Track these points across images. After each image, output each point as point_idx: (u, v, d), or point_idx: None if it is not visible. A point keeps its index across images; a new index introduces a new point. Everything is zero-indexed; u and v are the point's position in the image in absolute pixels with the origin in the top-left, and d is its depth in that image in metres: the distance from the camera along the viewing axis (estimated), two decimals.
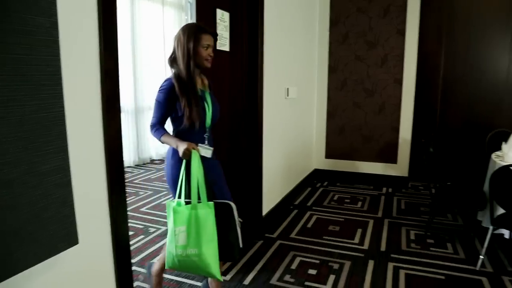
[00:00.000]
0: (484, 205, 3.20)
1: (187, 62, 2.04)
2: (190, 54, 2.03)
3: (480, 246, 3.25)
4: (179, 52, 2.05)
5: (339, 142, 5.31)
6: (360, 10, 4.96)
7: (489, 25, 4.83)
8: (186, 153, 1.93)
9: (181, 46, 2.05)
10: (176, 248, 1.86)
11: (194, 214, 1.88)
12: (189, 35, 2.04)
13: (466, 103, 5.03)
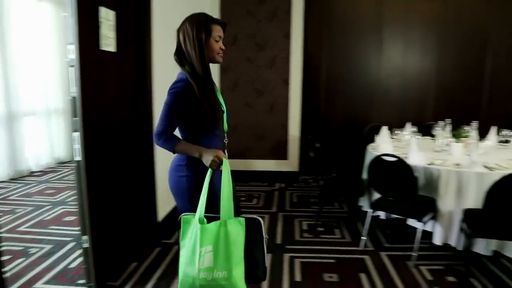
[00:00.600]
0: (363, 192, 3.56)
1: (201, 57, 1.79)
2: (203, 48, 1.79)
3: (362, 228, 3.60)
4: (188, 47, 1.80)
5: (233, 142, 5.36)
6: (249, 13, 5.13)
7: (362, 30, 5.42)
8: (215, 162, 1.72)
9: (190, 40, 1.79)
10: (200, 272, 1.60)
11: (223, 231, 1.63)
12: (199, 27, 1.79)
13: (346, 101, 5.57)
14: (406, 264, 3.02)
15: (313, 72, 5.51)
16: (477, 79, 5.59)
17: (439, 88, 5.53)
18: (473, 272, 2.93)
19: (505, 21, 5.45)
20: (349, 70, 5.53)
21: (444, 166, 3.05)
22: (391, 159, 2.91)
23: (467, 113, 5.36)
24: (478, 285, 2.75)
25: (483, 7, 5.41)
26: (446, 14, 5.39)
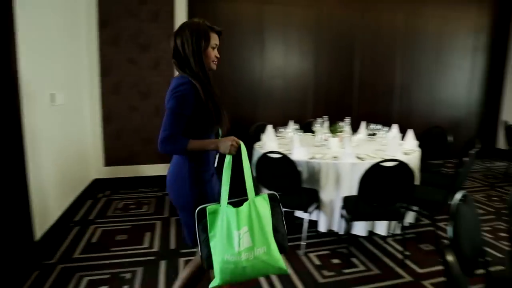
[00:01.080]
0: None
1: (200, 63, 1.86)
2: (201, 55, 1.85)
3: None
4: (188, 52, 1.85)
5: (118, 148, 5.12)
6: (130, 12, 4.89)
7: (246, 32, 5.61)
8: (234, 147, 1.77)
9: (189, 46, 1.85)
10: (241, 254, 1.65)
11: (254, 210, 1.72)
12: (199, 34, 1.85)
13: (232, 101, 5.69)
14: (297, 253, 3.22)
15: None
16: (348, 80, 6.24)
17: (317, 88, 6.02)
18: (353, 252, 3.26)
19: (368, 29, 6.19)
20: (234, 71, 5.67)
21: (324, 160, 3.34)
22: (277, 155, 3.07)
23: (341, 110, 5.94)
24: (358, 263, 3.08)
25: (349, 15, 6.06)
26: (320, 20, 5.90)
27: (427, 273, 2.94)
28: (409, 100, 6.72)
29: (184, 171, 1.89)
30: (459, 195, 1.72)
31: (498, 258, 3.20)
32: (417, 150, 3.84)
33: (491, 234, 3.72)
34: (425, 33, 6.63)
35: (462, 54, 7.02)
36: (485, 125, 7.50)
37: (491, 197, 4.93)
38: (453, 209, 1.66)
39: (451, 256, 1.20)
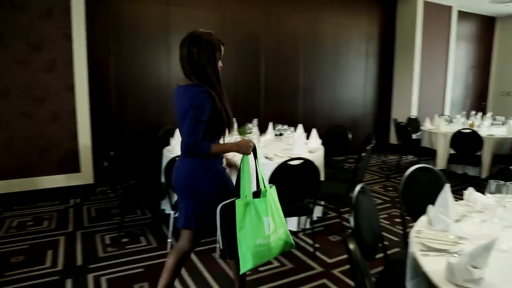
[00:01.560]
0: (164, 195, 3.58)
1: (216, 72, 2.07)
2: (216, 64, 2.06)
3: (167, 231, 3.63)
4: (204, 61, 2.02)
5: (9, 160, 4.59)
6: (16, 7, 4.40)
7: (151, 34, 5.43)
8: (251, 148, 2.06)
9: (205, 55, 2.02)
10: (270, 237, 1.94)
11: (270, 197, 2.01)
12: (214, 45, 2.05)
13: (140, 105, 5.48)
14: (212, 256, 3.21)
15: (102, 76, 5.21)
16: (255, 82, 6.40)
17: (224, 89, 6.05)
18: None
19: (272, 33, 6.41)
20: (141, 74, 5.46)
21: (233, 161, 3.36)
22: None
23: (249, 112, 6.07)
24: (272, 259, 3.16)
25: (253, 20, 6.22)
26: (225, 23, 5.95)
27: (336, 262, 3.13)
28: (313, 101, 7.12)
29: (201, 168, 2.07)
30: (358, 188, 1.86)
31: (395, 242, 3.55)
32: (321, 148, 4.07)
33: (388, 221, 4.10)
34: (324, 38, 7.09)
35: (357, 59, 7.66)
36: (379, 123, 8.27)
37: (387, 187, 5.44)
38: (353, 201, 1.79)
39: (353, 244, 1.29)
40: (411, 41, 7.89)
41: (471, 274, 1.27)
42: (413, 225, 1.82)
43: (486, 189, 1.88)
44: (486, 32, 10.07)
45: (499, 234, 1.60)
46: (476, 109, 8.88)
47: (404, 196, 2.42)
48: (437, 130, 5.88)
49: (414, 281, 1.49)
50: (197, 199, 2.10)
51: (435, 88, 8.54)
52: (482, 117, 6.80)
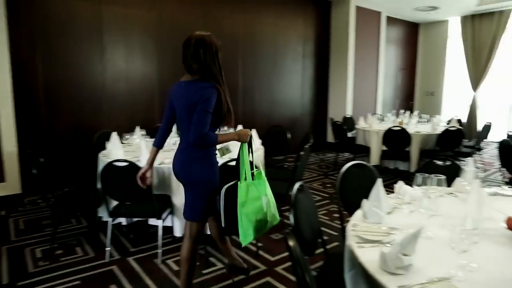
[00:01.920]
0: (101, 202, 3.42)
1: (220, 70, 2.28)
2: (219, 63, 2.28)
3: (105, 239, 3.47)
4: (210, 61, 2.24)
5: None
6: None
7: (83, 33, 5.14)
8: (248, 136, 2.32)
9: (211, 56, 2.24)
10: (267, 213, 2.24)
11: (263, 177, 2.37)
12: (217, 47, 2.30)
13: (73, 107, 5.18)
14: (154, 262, 3.12)
15: (28, 78, 4.85)
16: None
17: (162, 92, 5.92)
18: (211, 251, 3.32)
19: (210, 32, 6.36)
20: (73, 74, 5.16)
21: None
22: (123, 164, 2.91)
23: None
24: (216, 261, 3.16)
25: (191, 21, 6.13)
26: (161, 24, 5.82)
27: (278, 260, 3.18)
28: (252, 102, 7.19)
29: (199, 156, 2.27)
30: (296, 186, 1.90)
31: (334, 236, 3.68)
32: (261, 148, 4.12)
33: (327, 216, 4.24)
34: (262, 39, 7.19)
35: (294, 60, 7.85)
36: (316, 122, 8.55)
37: (326, 184, 5.63)
38: (292, 199, 1.83)
39: (292, 241, 1.32)
40: (345, 43, 8.26)
41: (402, 262, 1.35)
42: (350, 219, 1.90)
43: (413, 182, 2.01)
44: (411, 36, 10.82)
45: (425, 222, 1.72)
46: (404, 108, 9.51)
47: (341, 192, 2.52)
48: (370, 128, 6.20)
49: (351, 273, 1.55)
50: (198, 186, 2.31)
51: (368, 89, 9.01)
52: (410, 116, 7.28)
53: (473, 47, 9.85)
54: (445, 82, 10.78)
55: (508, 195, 2.37)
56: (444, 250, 1.44)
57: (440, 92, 10.85)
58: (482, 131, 6.70)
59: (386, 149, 5.78)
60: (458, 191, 2.33)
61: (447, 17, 10.27)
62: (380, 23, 8.96)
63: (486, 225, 1.75)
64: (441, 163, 2.90)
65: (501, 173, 5.10)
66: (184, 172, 2.32)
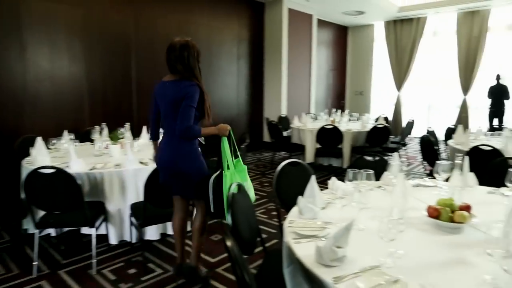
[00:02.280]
0: (25, 213, 3.18)
1: (199, 71, 2.64)
2: (199, 66, 2.64)
3: (32, 253, 3.23)
4: (192, 63, 2.59)
5: None
6: None
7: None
8: (227, 131, 2.60)
9: (194, 59, 2.60)
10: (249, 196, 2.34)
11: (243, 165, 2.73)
12: (198, 52, 2.67)
13: None
14: (89, 273, 2.96)
15: None
16: (126, 85, 6.09)
17: (92, 94, 5.63)
18: (149, 257, 3.22)
19: (143, 33, 6.18)
20: None
21: (106, 169, 3.16)
22: (50, 171, 2.72)
23: (121, 116, 5.76)
24: (155, 267, 3.06)
25: (122, 20, 5.90)
26: (90, 22, 5.52)
27: (219, 261, 3.17)
28: None
29: (188, 149, 2.57)
30: (233, 186, 1.91)
31: (273, 234, 3.74)
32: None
33: (265, 215, 4.31)
34: (196, 40, 7.03)
35: (229, 60, 7.87)
36: (253, 122, 8.64)
37: (263, 183, 5.71)
38: (229, 200, 1.84)
39: (230, 241, 1.32)
40: (278, 44, 8.44)
41: (336, 254, 1.41)
42: (287, 216, 1.94)
43: (345, 177, 2.11)
44: (341, 39, 11.34)
45: (357, 215, 1.81)
46: (336, 107, 9.93)
47: (277, 190, 2.57)
48: (305, 127, 6.40)
49: (290, 268, 1.59)
50: (191, 176, 2.60)
51: (301, 89, 9.29)
52: (341, 114, 7.62)
53: (396, 50, 10.57)
54: (373, 82, 11.44)
55: (428, 185, 2.57)
56: (374, 240, 1.52)
57: (368, 92, 11.49)
58: (406, 127, 7.21)
59: (320, 147, 6.00)
60: (385, 184, 2.49)
61: (372, 21, 10.91)
62: (312, 25, 9.28)
63: (410, 214, 1.89)
64: (370, 158, 3.07)
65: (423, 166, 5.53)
66: (174, 165, 2.58)
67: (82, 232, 3.42)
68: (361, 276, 1.33)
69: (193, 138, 2.56)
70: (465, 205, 1.82)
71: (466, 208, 1.80)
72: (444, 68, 10.01)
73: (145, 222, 2.97)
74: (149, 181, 2.79)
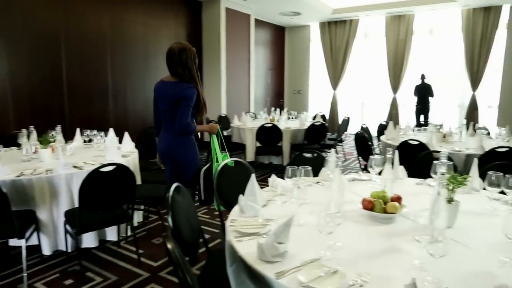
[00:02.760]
0: None
1: (197, 73, 2.93)
2: (196, 69, 2.93)
3: None
4: (190, 65, 2.87)
5: None
6: None
7: None
8: (217, 129, 3.10)
9: (190, 61, 2.87)
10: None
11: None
12: (195, 55, 2.93)
13: None
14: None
15: None
16: (56, 85, 5.72)
17: (17, 94, 5.22)
18: (87, 266, 3.07)
19: (73, 30, 5.84)
20: None
21: (35, 175, 2.95)
22: None
23: (51, 118, 5.42)
24: (94, 275, 2.93)
25: (50, 16, 5.53)
26: (13, 18, 5.11)
27: (161, 265, 3.10)
28: (124, 103, 6.84)
29: (187, 142, 2.94)
30: (172, 188, 1.88)
31: (216, 234, 3.73)
32: (135, 151, 3.95)
33: (208, 215, 4.28)
34: (133, 38, 6.88)
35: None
36: None
37: None
38: (169, 201, 1.80)
39: (171, 243, 1.29)
40: (217, 44, 8.42)
41: (277, 250, 1.44)
42: (229, 215, 1.95)
43: (285, 174, 2.16)
44: (278, 39, 11.55)
45: (297, 211, 1.86)
46: (275, 106, 10.11)
47: (218, 190, 2.56)
48: (245, 126, 6.44)
49: (233, 267, 1.59)
50: (186, 165, 2.97)
51: (241, 88, 9.34)
52: (280, 113, 7.77)
53: (331, 51, 10.98)
54: (310, 82, 11.80)
55: (363, 179, 2.71)
56: (313, 234, 1.57)
57: (306, 91, 11.83)
58: (342, 125, 7.52)
59: (260, 145, 6.07)
60: (323, 180, 2.58)
61: (308, 22, 11.25)
62: (250, 25, 9.36)
63: (346, 207, 1.98)
64: (309, 155, 3.17)
65: (358, 161, 5.81)
66: (170, 154, 2.93)
67: (10, 244, 3.17)
68: (302, 269, 1.37)
69: (189, 134, 2.92)
70: (396, 196, 1.95)
71: (397, 199, 1.93)
72: (376, 68, 10.59)
73: (82, 229, 2.81)
74: (84, 186, 2.65)
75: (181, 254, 1.31)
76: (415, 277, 1.17)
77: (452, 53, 9.47)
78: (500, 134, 5.17)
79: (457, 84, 9.57)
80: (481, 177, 2.40)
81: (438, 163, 2.26)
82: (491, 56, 8.73)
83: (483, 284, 1.30)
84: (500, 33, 8.53)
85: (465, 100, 9.34)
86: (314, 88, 11.84)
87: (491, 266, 1.44)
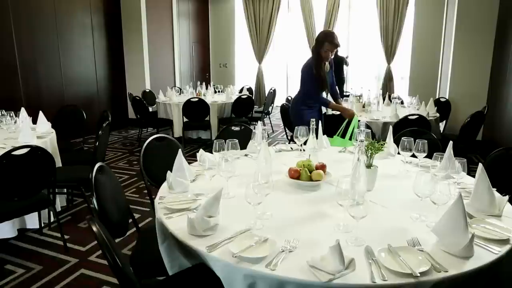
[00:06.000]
0: None
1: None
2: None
3: None
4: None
5: None
6: None
7: None
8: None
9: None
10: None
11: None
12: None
13: None
14: None
15: None
16: None
17: None
18: (5, 258, 2.85)
19: None
20: None
21: None
22: None
23: None
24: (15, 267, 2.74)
25: None
26: None
27: (90, 249, 2.99)
28: (37, 81, 6.27)
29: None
30: (95, 168, 1.79)
31: (147, 212, 3.66)
32: (52, 131, 3.68)
33: (137, 194, 4.18)
34: (39, 8, 6.25)
35: (83, 33, 7.15)
36: (115, 99, 8.12)
37: (132, 162, 5.50)
38: (92, 182, 1.72)
39: (96, 226, 1.25)
40: (137, 15, 7.98)
41: (208, 223, 1.46)
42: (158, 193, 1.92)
43: (213, 148, 2.16)
44: (202, 12, 11.24)
45: (226, 184, 1.88)
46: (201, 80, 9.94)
47: (145, 167, 2.50)
48: (171, 101, 6.29)
49: (165, 244, 1.58)
50: None
51: (165, 62, 9.02)
52: (206, 87, 7.67)
53: (256, 24, 10.96)
54: (236, 55, 11.72)
55: (289, 150, 2.80)
56: (243, 205, 1.61)
57: (232, 64, 11.75)
58: (268, 97, 7.64)
59: (187, 120, 5.98)
60: (251, 152, 2.63)
61: None
62: None
63: (274, 178, 2.03)
64: (236, 128, 3.19)
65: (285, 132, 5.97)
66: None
67: None
68: (233, 241, 1.40)
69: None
70: (320, 164, 2.05)
71: (322, 167, 2.03)
72: (298, 41, 10.80)
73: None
74: None
75: (108, 236, 1.27)
76: (339, 239, 1.26)
77: (370, 28, 9.96)
78: (412, 103, 5.62)
79: (374, 57, 10.13)
80: (395, 142, 2.61)
81: (358, 131, 2.40)
82: (403, 30, 9.33)
83: (398, 239, 1.43)
84: (410, 10, 9.10)
85: (381, 72, 9.94)
86: (241, 61, 11.80)
87: (405, 222, 1.60)
